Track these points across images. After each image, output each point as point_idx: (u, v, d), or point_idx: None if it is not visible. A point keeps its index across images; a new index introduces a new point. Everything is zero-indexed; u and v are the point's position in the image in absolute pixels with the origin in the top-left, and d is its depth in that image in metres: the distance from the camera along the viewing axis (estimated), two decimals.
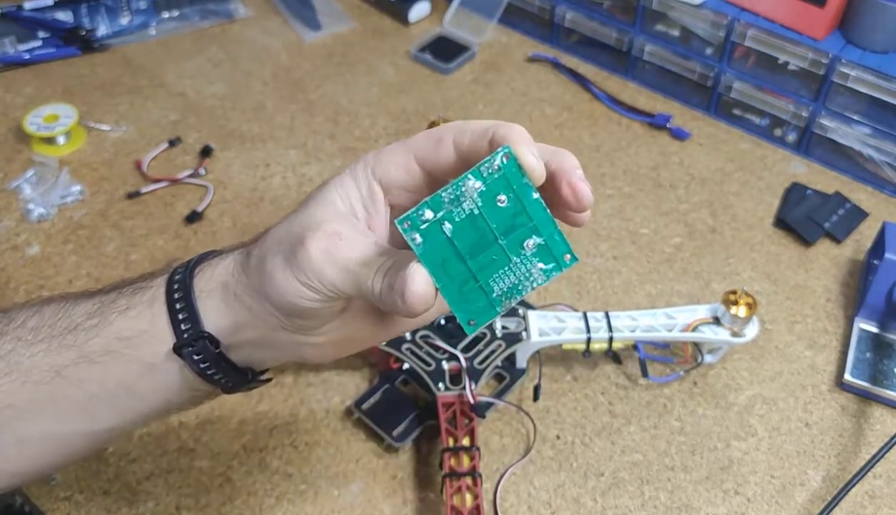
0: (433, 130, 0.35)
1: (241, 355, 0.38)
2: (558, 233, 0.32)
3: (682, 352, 0.60)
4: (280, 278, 0.34)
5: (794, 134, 0.79)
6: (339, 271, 0.33)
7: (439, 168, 0.35)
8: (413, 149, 0.35)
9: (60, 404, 0.38)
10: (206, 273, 0.38)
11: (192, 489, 0.54)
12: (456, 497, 0.50)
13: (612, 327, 0.58)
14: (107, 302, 0.39)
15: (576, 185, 0.32)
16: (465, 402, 0.55)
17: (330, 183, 0.36)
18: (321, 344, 0.37)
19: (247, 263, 0.36)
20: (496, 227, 0.32)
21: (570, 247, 0.32)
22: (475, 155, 0.33)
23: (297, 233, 0.34)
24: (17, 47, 0.90)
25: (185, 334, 0.37)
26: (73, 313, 0.39)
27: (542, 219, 0.32)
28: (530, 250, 0.32)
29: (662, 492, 0.54)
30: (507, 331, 0.58)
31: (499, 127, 0.33)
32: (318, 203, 0.35)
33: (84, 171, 0.77)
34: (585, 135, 0.82)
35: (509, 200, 0.31)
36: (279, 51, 0.92)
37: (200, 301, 0.37)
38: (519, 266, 0.32)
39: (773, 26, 0.75)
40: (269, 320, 0.36)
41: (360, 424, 0.57)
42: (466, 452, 0.52)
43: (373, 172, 0.36)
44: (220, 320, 0.37)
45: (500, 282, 0.32)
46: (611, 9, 0.85)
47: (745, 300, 0.57)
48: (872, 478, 0.55)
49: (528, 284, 0.32)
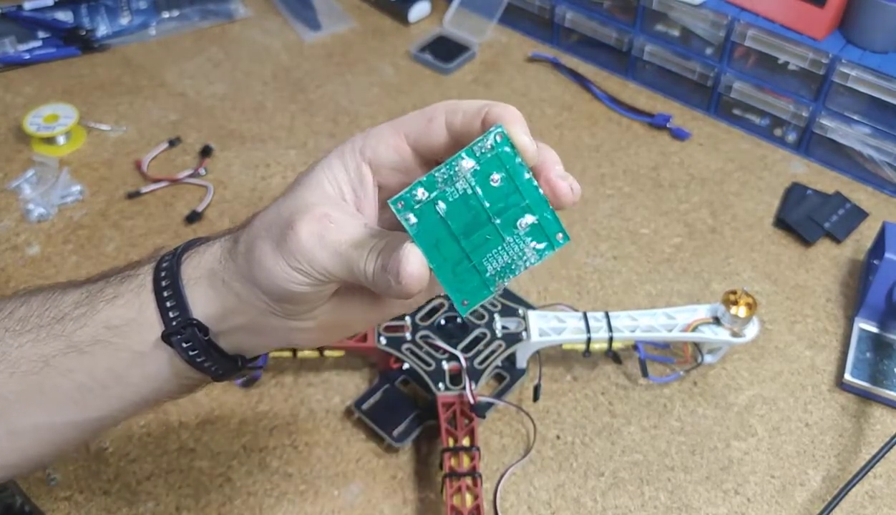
0: (424, 109, 0.35)
1: (230, 342, 0.38)
2: (550, 212, 0.32)
3: (682, 352, 0.60)
4: (270, 264, 0.33)
5: (794, 134, 0.79)
6: (329, 254, 0.33)
7: (430, 148, 0.35)
8: (403, 128, 0.35)
9: (49, 394, 0.38)
10: (194, 260, 0.37)
11: (192, 489, 0.54)
12: (456, 498, 0.50)
13: (612, 327, 0.58)
14: (94, 291, 0.38)
15: (554, 182, 0.33)
16: (465, 402, 0.54)
17: (318, 165, 0.36)
18: (311, 328, 0.37)
19: (234, 249, 0.36)
20: (489, 207, 0.32)
21: (562, 226, 0.32)
22: (467, 135, 0.33)
23: (285, 217, 0.34)
24: (17, 47, 0.90)
25: (174, 322, 0.36)
26: (61, 303, 0.38)
27: (535, 198, 0.32)
28: (523, 229, 0.32)
29: (662, 492, 0.54)
30: (507, 331, 0.58)
31: (492, 106, 0.33)
32: (305, 186, 0.35)
33: (84, 171, 0.77)
34: (585, 135, 0.82)
35: (502, 180, 0.32)
36: (279, 51, 0.92)
37: (188, 288, 0.36)
38: (512, 245, 0.32)
39: (773, 26, 0.75)
40: (259, 306, 0.35)
41: (360, 424, 0.57)
42: (466, 452, 0.52)
43: (361, 153, 0.35)
44: (209, 307, 0.36)
45: (494, 262, 0.32)
46: (611, 9, 0.85)
47: (746, 300, 0.57)
48: (872, 478, 0.55)
49: (522, 264, 0.33)
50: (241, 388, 0.59)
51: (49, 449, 0.41)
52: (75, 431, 0.40)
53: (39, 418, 0.39)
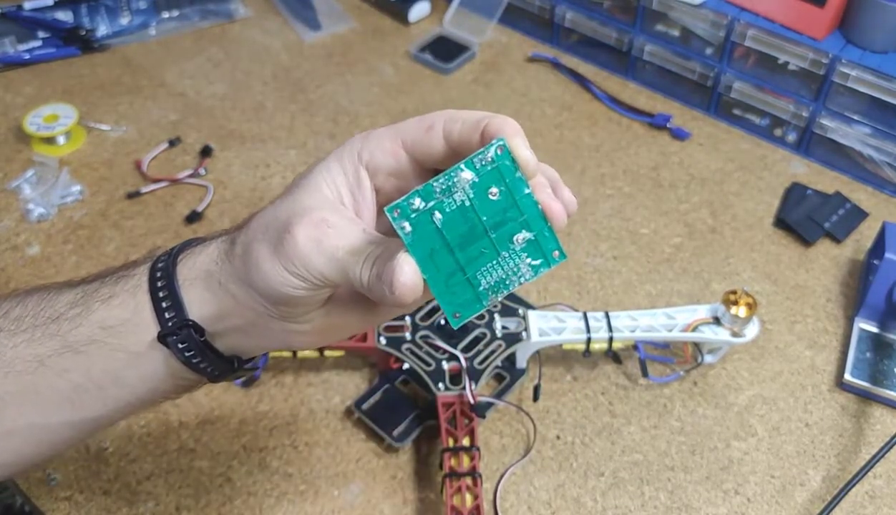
0: (424, 117, 0.35)
1: (226, 343, 0.38)
2: (548, 228, 0.32)
3: (682, 352, 0.60)
4: (266, 267, 0.33)
5: (795, 134, 0.79)
6: (326, 260, 0.32)
7: (428, 155, 0.34)
8: (402, 134, 0.35)
9: (44, 394, 0.38)
10: (189, 261, 0.37)
11: (192, 489, 0.54)
12: (456, 498, 0.50)
13: (612, 327, 0.58)
14: (90, 292, 0.38)
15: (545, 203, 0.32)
16: (465, 402, 0.55)
17: (316, 168, 0.35)
18: (308, 331, 0.37)
19: (231, 251, 0.36)
20: (486, 220, 0.31)
21: (559, 243, 0.32)
22: (465, 145, 0.33)
23: (283, 221, 0.33)
24: (17, 47, 0.90)
25: (170, 322, 0.36)
26: (57, 302, 0.38)
27: (533, 214, 0.32)
28: (519, 245, 0.32)
29: (662, 492, 0.54)
30: (507, 331, 0.58)
31: (492, 118, 0.32)
32: (304, 189, 0.35)
33: (84, 171, 0.77)
34: (585, 135, 0.82)
35: (501, 193, 0.31)
36: (279, 51, 0.92)
37: (184, 289, 0.36)
38: (507, 260, 0.32)
39: (773, 26, 0.75)
40: (255, 307, 0.35)
41: (360, 424, 0.57)
42: (466, 452, 0.52)
43: (359, 156, 0.35)
44: (205, 308, 0.36)
45: (488, 276, 0.32)
46: (611, 9, 0.85)
47: (746, 300, 0.57)
48: (872, 478, 0.55)
49: (516, 279, 0.32)
50: (240, 388, 0.59)
51: (44, 449, 0.41)
52: (71, 431, 0.40)
53: (35, 418, 0.38)
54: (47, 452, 0.41)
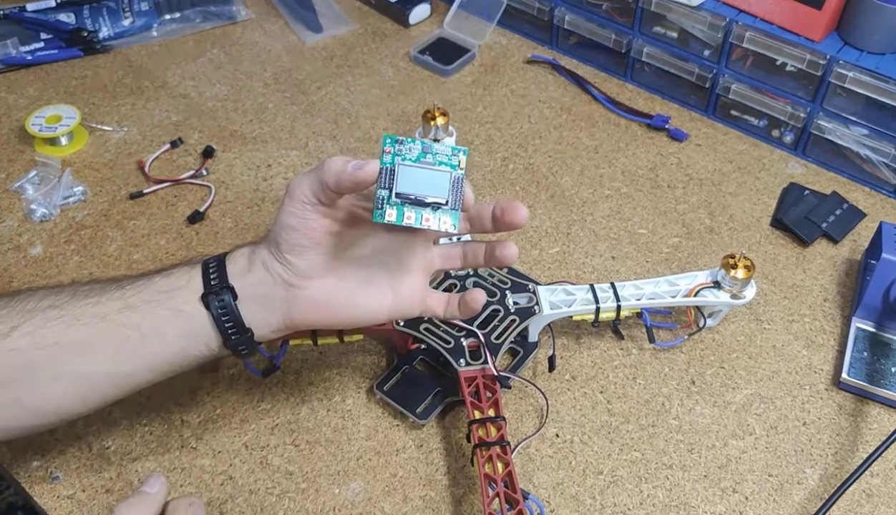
0: None
1: (245, 311, 0.47)
2: None
3: (685, 317, 0.62)
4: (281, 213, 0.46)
5: (792, 135, 0.79)
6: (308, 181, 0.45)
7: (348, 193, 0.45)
8: None
9: (97, 346, 0.46)
10: (235, 253, 0.49)
11: (193, 487, 0.54)
12: (487, 466, 0.52)
13: (619, 296, 0.59)
14: (151, 273, 0.49)
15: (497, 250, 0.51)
16: (487, 375, 0.56)
17: None
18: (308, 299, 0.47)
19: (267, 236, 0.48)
20: None
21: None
22: None
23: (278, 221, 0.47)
24: (20, 49, 0.90)
25: (213, 283, 0.47)
26: (122, 282, 0.48)
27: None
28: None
29: (661, 490, 0.55)
30: (519, 306, 0.60)
31: None
32: None
33: (86, 172, 0.78)
34: (584, 137, 0.82)
35: None
36: (280, 53, 0.93)
37: (229, 263, 0.48)
38: None
39: (770, 28, 0.75)
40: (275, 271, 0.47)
41: (359, 423, 0.58)
42: (493, 422, 0.53)
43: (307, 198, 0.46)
44: (241, 276, 0.47)
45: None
46: (609, 11, 0.85)
47: (744, 262, 0.59)
48: (869, 477, 0.55)
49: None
50: (259, 377, 0.60)
51: (76, 401, 0.47)
52: (107, 384, 0.47)
53: (81, 366, 0.46)
54: (79, 407, 0.48)
